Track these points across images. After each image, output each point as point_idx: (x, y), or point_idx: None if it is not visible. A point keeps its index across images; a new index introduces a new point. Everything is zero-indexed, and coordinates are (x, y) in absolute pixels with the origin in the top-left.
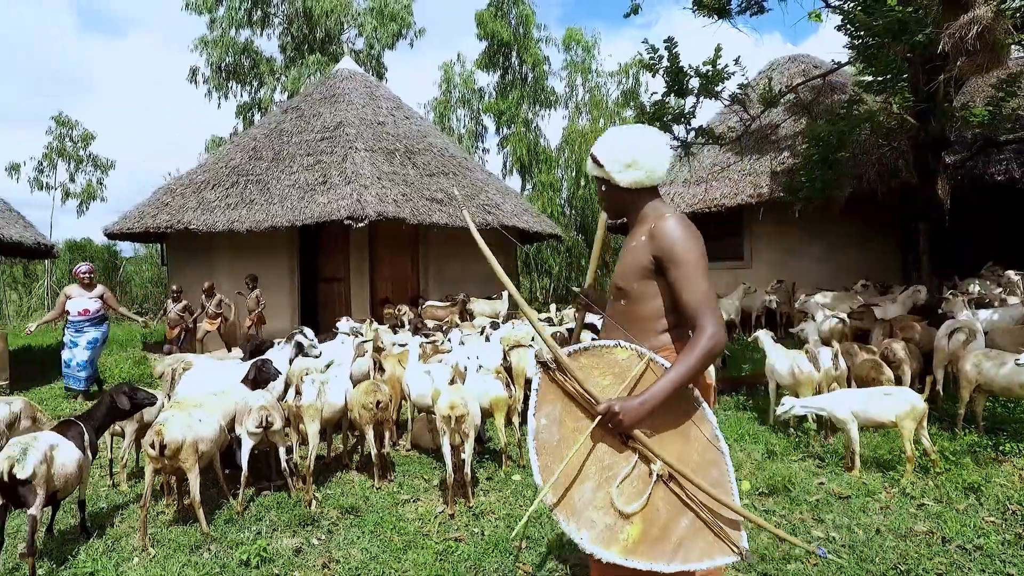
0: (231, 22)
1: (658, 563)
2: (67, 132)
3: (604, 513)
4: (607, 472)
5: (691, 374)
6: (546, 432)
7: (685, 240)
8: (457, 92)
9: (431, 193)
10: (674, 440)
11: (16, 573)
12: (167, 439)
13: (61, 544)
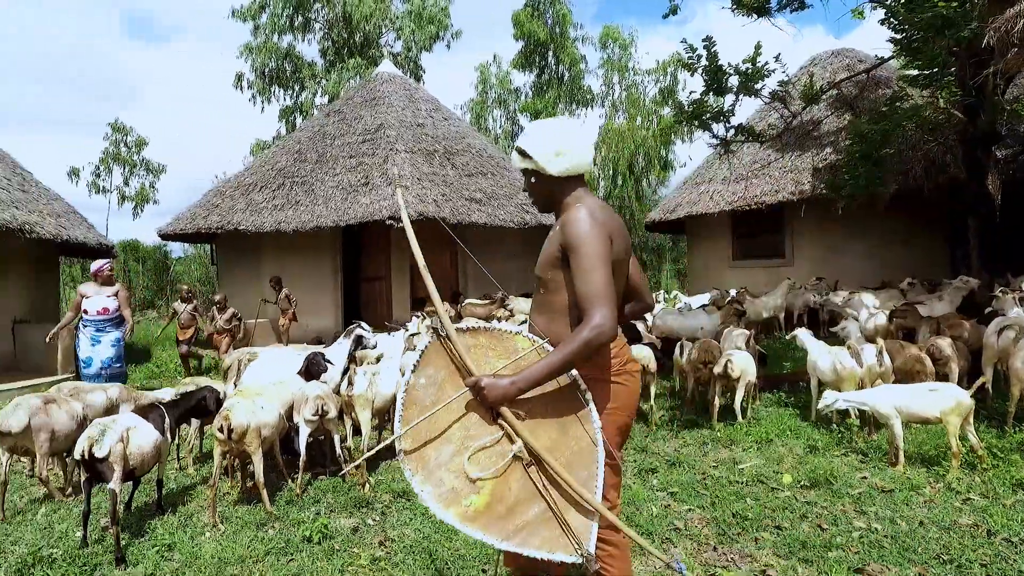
0: (274, 28)
1: (491, 536)
2: (122, 138)
3: (454, 477)
4: (469, 442)
5: (565, 362)
6: (422, 390)
7: (587, 231)
8: (493, 93)
9: (470, 193)
10: (549, 430)
11: (102, 542)
12: (234, 423)
13: (140, 519)
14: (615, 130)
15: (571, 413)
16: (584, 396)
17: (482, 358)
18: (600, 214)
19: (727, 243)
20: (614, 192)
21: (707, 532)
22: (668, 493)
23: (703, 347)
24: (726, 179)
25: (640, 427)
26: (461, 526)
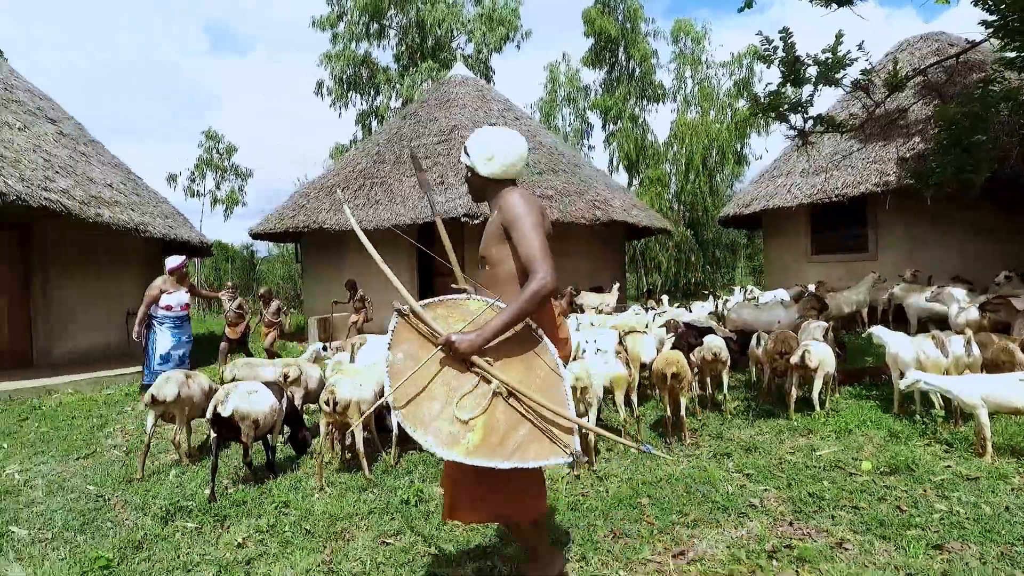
0: (351, 36)
1: (495, 460)
2: (214, 145)
3: (449, 423)
4: (453, 393)
5: (520, 312)
6: (401, 364)
7: (522, 207)
8: (562, 91)
9: (541, 191)
10: (517, 367)
11: (227, 497)
12: (338, 397)
13: (257, 480)
14: (688, 124)
15: (530, 350)
16: (537, 334)
17: (444, 324)
18: (535, 200)
19: (805, 237)
20: (686, 188)
21: (783, 509)
22: (744, 475)
23: (779, 338)
24: (804, 171)
25: (715, 415)
26: (468, 460)
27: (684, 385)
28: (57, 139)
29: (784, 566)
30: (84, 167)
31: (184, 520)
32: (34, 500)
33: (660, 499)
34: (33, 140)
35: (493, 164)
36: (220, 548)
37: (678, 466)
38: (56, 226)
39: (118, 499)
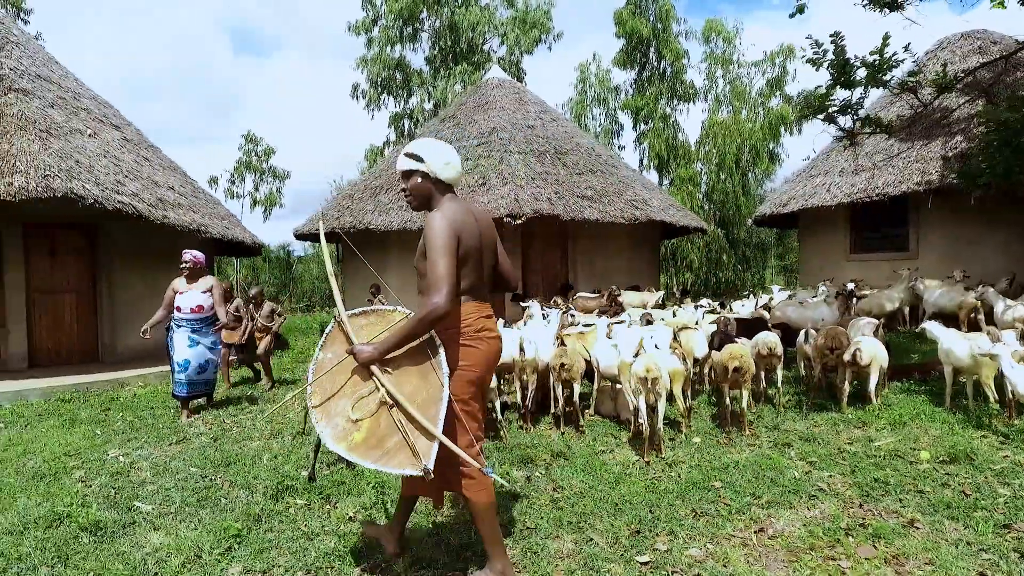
0: (386, 40)
1: (365, 461)
2: (253, 147)
3: (344, 420)
4: (354, 395)
5: (408, 333)
6: (327, 362)
7: (437, 229)
8: (593, 91)
9: (581, 191)
10: (412, 378)
11: (322, 475)
12: None
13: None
14: (719, 124)
15: (426, 365)
16: (436, 351)
17: (372, 332)
18: (454, 215)
19: (844, 236)
20: (717, 187)
21: (850, 493)
22: (807, 462)
23: (830, 334)
24: (844, 171)
25: (768, 409)
26: (346, 455)
27: (746, 378)
28: (122, 145)
29: (861, 541)
30: (148, 171)
31: (293, 497)
32: (144, 480)
33: (732, 483)
34: (103, 146)
35: (450, 169)
36: (333, 521)
37: (741, 454)
38: (119, 227)
39: (223, 479)
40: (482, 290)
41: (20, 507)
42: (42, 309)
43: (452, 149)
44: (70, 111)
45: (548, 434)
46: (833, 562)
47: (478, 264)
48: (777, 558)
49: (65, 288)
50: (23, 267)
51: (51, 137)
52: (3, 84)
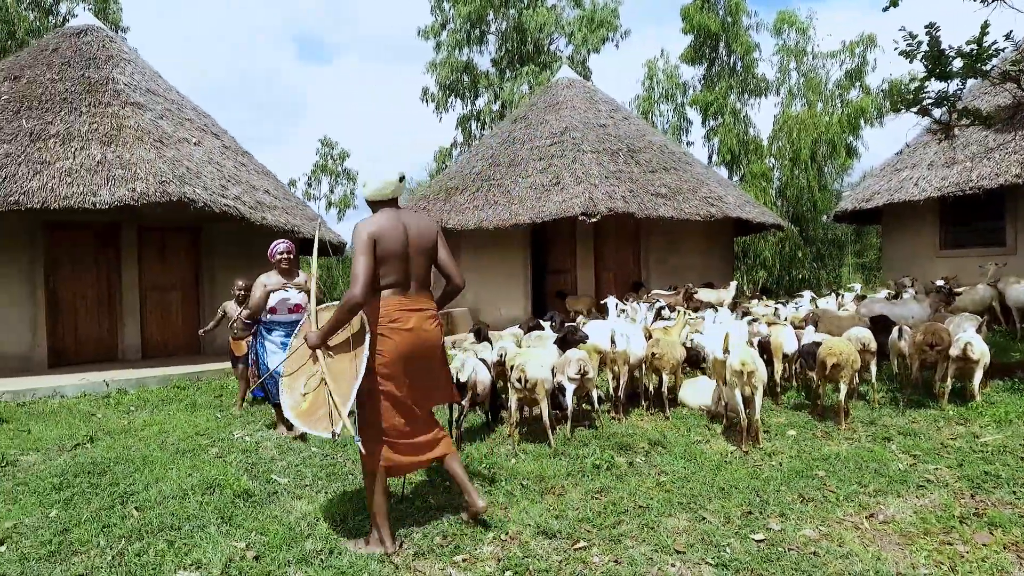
0: (455, 43)
1: (303, 426)
2: (328, 151)
3: (298, 394)
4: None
5: (335, 319)
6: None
7: (354, 234)
8: (660, 88)
9: (655, 189)
10: (344, 362)
11: None
12: (528, 376)
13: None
14: (793, 118)
15: (357, 350)
16: (363, 339)
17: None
18: (375, 222)
19: (934, 231)
20: (791, 182)
21: (960, 485)
22: (910, 455)
23: (929, 330)
24: (933, 164)
25: (863, 404)
26: (294, 421)
27: (845, 374)
28: (223, 151)
29: (978, 529)
30: (246, 175)
31: (414, 475)
32: (273, 457)
33: (835, 472)
34: (207, 153)
35: (368, 190)
36: (455, 496)
37: (840, 446)
38: (219, 229)
39: (343, 458)
40: (408, 286)
41: (174, 476)
42: (153, 305)
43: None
44: (177, 121)
45: (640, 424)
46: (950, 546)
47: (401, 264)
48: (892, 541)
49: (172, 286)
50: (137, 267)
51: (164, 146)
52: (120, 98)
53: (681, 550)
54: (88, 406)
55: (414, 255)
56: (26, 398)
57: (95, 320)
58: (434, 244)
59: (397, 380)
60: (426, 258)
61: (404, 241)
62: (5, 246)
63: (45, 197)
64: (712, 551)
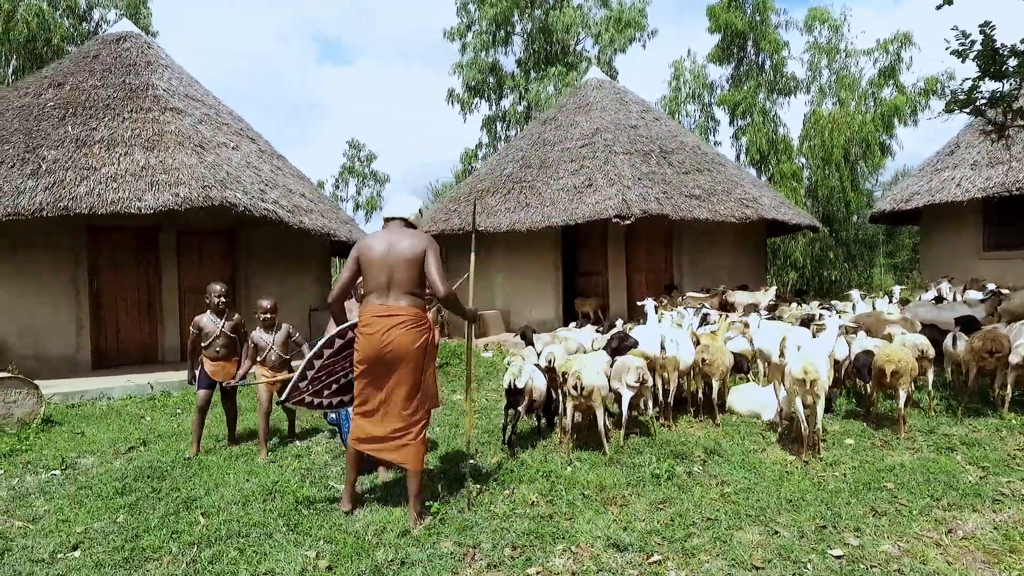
0: (481, 45)
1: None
2: (355, 153)
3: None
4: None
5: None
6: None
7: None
8: (687, 88)
9: (689, 190)
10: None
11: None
12: (584, 383)
13: (510, 455)
14: (824, 117)
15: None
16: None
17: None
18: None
19: (977, 232)
20: (823, 182)
21: None
22: (979, 467)
23: (989, 336)
24: (977, 164)
25: (918, 412)
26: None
27: (904, 382)
28: (259, 155)
29: None
30: (283, 179)
31: (469, 485)
32: (326, 463)
33: (904, 484)
34: (244, 157)
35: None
36: (519, 505)
37: (902, 456)
38: (255, 232)
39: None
40: (385, 294)
41: (232, 481)
42: (192, 307)
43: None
44: (215, 126)
45: (691, 432)
46: None
47: (381, 275)
48: (976, 559)
49: None
50: (176, 270)
51: (204, 151)
52: (160, 104)
53: (759, 565)
54: (136, 408)
55: (395, 267)
56: (74, 400)
57: (136, 322)
58: (419, 257)
59: (362, 375)
60: (409, 270)
61: (381, 255)
62: (51, 250)
63: (93, 202)
64: (792, 567)
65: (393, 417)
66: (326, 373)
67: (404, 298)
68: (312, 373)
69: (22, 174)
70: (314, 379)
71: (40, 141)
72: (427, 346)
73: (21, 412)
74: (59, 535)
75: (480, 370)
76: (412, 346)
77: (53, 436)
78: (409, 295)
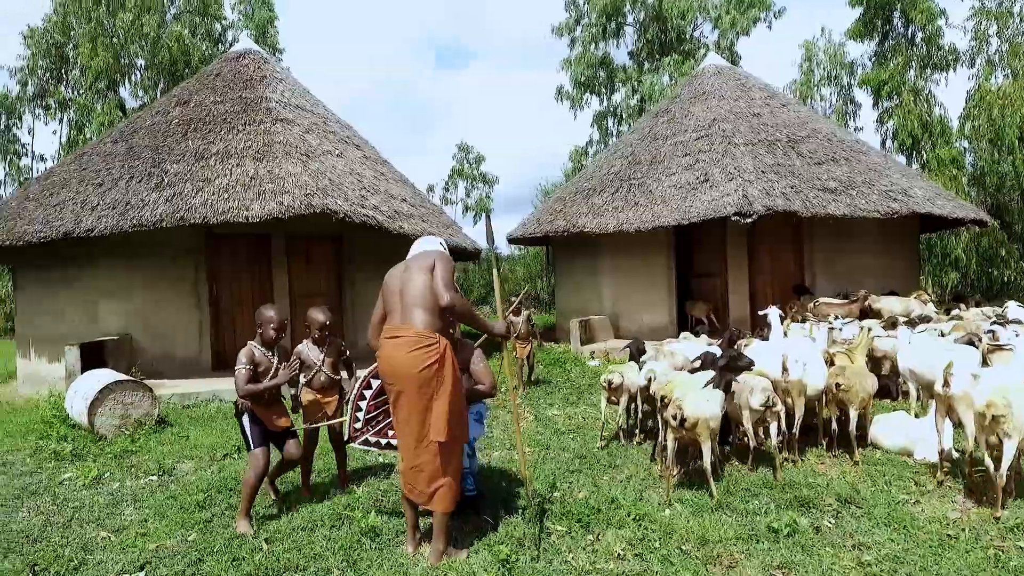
0: (590, 38)
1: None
2: (464, 155)
3: None
4: None
5: None
6: None
7: None
8: (821, 70)
9: (822, 183)
10: None
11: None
12: (687, 414)
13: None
14: (992, 93)
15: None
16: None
17: None
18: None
19: None
20: (990, 168)
21: None
22: None
23: None
24: None
25: None
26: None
27: None
28: (363, 162)
29: None
30: (385, 185)
31: (551, 522)
32: None
33: None
34: (348, 164)
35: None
36: (600, 557)
37: None
38: (359, 237)
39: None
40: (396, 315)
41: (307, 500)
42: (302, 311)
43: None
44: (321, 135)
45: (822, 470)
46: None
47: (395, 298)
48: None
49: (319, 293)
50: (286, 275)
51: (309, 159)
52: (271, 115)
53: None
54: None
55: (406, 283)
56: (190, 401)
57: (251, 326)
58: (428, 268)
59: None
60: (419, 284)
61: (401, 274)
62: (177, 257)
63: (205, 213)
64: None
65: (414, 451)
66: (383, 413)
67: (414, 316)
68: (363, 415)
69: (147, 187)
70: (369, 420)
71: (165, 156)
72: (438, 369)
73: (138, 413)
74: (133, 551)
75: (584, 380)
76: (414, 369)
77: (162, 439)
78: (421, 312)
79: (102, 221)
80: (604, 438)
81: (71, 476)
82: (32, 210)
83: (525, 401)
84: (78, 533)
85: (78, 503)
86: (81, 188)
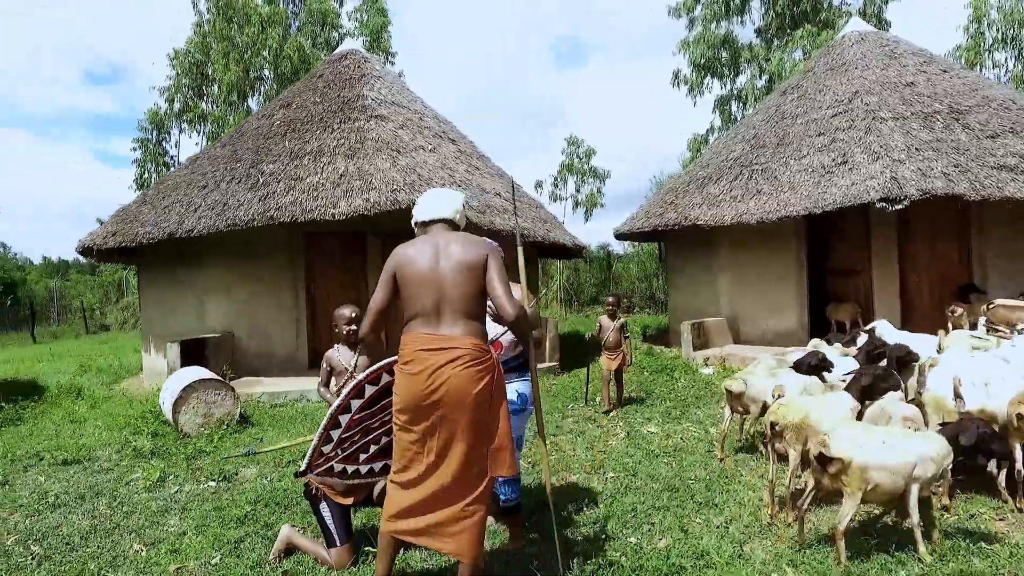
0: (712, 16)
1: None
2: (574, 150)
3: None
4: None
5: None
6: None
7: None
8: (994, 31)
9: (996, 160)
10: None
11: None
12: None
13: None
14: None
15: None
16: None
17: None
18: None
19: None
20: None
21: None
22: None
23: None
24: None
25: None
26: None
27: None
28: (457, 156)
29: None
30: (478, 179)
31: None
32: None
33: None
34: (440, 159)
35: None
36: None
37: None
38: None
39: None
40: (435, 319)
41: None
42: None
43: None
44: (415, 130)
45: (999, 529)
46: None
47: (428, 292)
48: None
49: None
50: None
51: (399, 155)
52: (366, 113)
53: None
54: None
55: (447, 282)
56: (279, 400)
57: None
58: (479, 267)
59: (404, 430)
60: (466, 285)
61: (433, 266)
62: (275, 255)
63: (294, 211)
64: None
65: (446, 489)
66: (360, 431)
67: (461, 323)
68: (339, 433)
69: (244, 188)
70: (342, 440)
71: (263, 157)
72: (493, 389)
73: (220, 413)
74: (155, 570)
75: (691, 392)
76: (472, 390)
77: (238, 440)
78: (468, 319)
79: (201, 221)
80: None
81: (138, 476)
82: (146, 213)
83: (619, 414)
84: (114, 544)
85: (131, 508)
86: (188, 191)
